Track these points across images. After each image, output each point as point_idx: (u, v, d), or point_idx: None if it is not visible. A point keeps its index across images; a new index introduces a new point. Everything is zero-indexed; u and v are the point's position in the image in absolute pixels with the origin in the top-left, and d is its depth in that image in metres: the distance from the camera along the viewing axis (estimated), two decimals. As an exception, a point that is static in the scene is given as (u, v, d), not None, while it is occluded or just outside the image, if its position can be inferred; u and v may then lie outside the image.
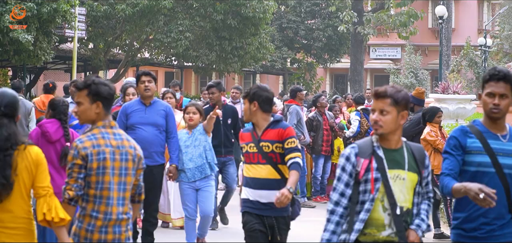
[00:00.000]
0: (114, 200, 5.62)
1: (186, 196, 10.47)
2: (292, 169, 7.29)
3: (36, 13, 21.60)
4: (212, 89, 12.78)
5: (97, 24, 31.79)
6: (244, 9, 32.72)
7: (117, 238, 5.64)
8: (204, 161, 10.38)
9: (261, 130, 7.47)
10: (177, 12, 32.92)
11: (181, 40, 32.43)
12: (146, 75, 10.19)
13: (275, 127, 7.46)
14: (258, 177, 7.41)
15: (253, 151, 7.44)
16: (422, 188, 5.57)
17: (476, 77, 47.03)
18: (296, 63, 45.96)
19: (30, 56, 22.63)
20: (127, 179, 5.73)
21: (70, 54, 30.44)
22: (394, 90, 5.43)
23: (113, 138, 5.72)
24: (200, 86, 51.61)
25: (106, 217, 5.60)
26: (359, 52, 43.73)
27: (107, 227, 5.60)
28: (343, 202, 5.44)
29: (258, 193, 7.39)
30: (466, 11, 56.09)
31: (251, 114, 7.49)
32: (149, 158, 9.88)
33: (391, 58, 55.77)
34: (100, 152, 5.61)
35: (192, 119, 10.45)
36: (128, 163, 5.75)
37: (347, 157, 5.46)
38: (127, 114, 10.13)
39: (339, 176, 5.48)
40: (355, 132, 16.20)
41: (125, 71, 36.33)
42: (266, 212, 7.41)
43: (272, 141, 7.39)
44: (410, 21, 41.56)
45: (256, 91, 7.53)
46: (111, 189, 5.62)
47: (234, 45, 33.93)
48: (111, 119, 5.79)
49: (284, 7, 44.88)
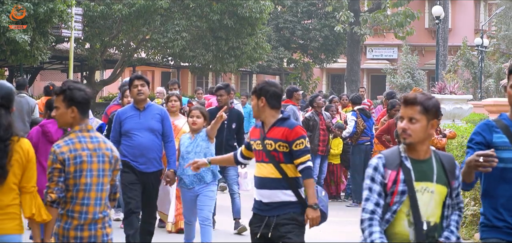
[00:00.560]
0: (91, 200, 5.86)
1: (185, 202, 10.17)
2: (305, 177, 7.03)
3: (33, 13, 21.58)
4: (220, 91, 12.47)
5: (93, 24, 31.76)
6: (240, 9, 32.71)
7: (93, 235, 5.87)
8: (205, 169, 9.79)
9: (268, 126, 7.15)
10: (174, 12, 32.91)
11: (177, 40, 32.42)
12: (139, 79, 9.89)
13: (281, 125, 7.11)
14: (260, 175, 7.13)
15: (258, 148, 7.15)
16: (452, 199, 5.28)
17: (473, 77, 47.08)
18: (293, 63, 45.98)
19: (26, 56, 22.61)
20: (104, 179, 5.95)
21: (66, 54, 30.41)
22: (424, 98, 5.17)
23: (90, 141, 5.93)
24: (196, 86, 51.62)
25: (82, 217, 5.83)
26: (356, 52, 43.79)
27: (83, 226, 5.84)
28: (379, 212, 5.13)
29: (260, 192, 7.13)
30: (463, 11, 56.13)
31: (258, 110, 7.19)
32: (147, 164, 9.79)
33: (387, 58, 55.78)
34: (77, 156, 5.85)
35: (196, 123, 10.02)
36: (105, 164, 5.95)
37: (375, 167, 5.19)
38: (121, 121, 9.83)
39: (370, 187, 5.17)
40: (351, 132, 16.19)
41: (122, 71, 36.31)
42: (268, 212, 7.09)
43: (275, 139, 7.05)
44: (406, 21, 41.60)
45: (263, 86, 7.23)
46: (88, 190, 5.85)
47: (231, 45, 33.93)
48: (88, 123, 6.00)
49: (281, 7, 44.91)
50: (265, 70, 45.92)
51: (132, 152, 9.72)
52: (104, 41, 33.30)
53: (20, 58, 22.81)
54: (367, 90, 55.12)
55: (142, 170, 9.79)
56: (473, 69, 46.98)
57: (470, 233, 12.14)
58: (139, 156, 9.73)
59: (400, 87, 44.54)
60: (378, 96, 43.68)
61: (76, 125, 5.94)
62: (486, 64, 46.80)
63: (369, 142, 16.33)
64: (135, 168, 9.76)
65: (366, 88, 55.70)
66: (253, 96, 7.23)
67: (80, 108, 5.93)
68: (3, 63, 29.97)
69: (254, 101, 7.21)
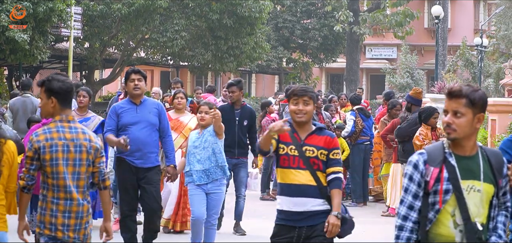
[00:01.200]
0: (72, 187, 6.07)
1: (193, 197, 9.89)
2: (334, 187, 6.76)
3: (32, 12, 21.58)
4: (232, 88, 12.32)
5: (93, 23, 31.75)
6: (240, 9, 32.70)
7: (79, 222, 6.12)
8: (213, 164, 9.75)
9: (305, 133, 6.77)
10: (173, 11, 32.89)
11: (177, 40, 32.40)
12: (136, 74, 9.75)
13: (321, 133, 6.81)
14: (295, 182, 6.69)
15: (293, 154, 6.70)
16: (499, 199, 4.97)
17: (472, 77, 47.01)
18: (292, 63, 45.93)
19: (26, 55, 22.62)
20: (81, 169, 6.14)
21: (66, 54, 30.41)
22: (470, 90, 4.86)
23: (68, 131, 6.14)
24: (196, 85, 51.57)
25: (67, 203, 6.07)
26: (355, 52, 43.80)
27: (70, 213, 6.07)
28: (413, 216, 4.89)
29: (293, 200, 6.71)
30: (462, 11, 56.12)
31: (308, 115, 6.80)
32: (143, 159, 9.59)
33: (387, 58, 55.74)
34: (53, 145, 6.07)
35: (204, 119, 9.88)
36: (82, 154, 6.14)
37: (415, 164, 4.91)
38: (117, 114, 9.66)
39: (407, 187, 4.92)
40: (350, 132, 16.18)
41: (121, 71, 36.26)
42: (299, 223, 6.72)
43: (317, 146, 6.71)
44: (406, 21, 41.63)
45: (314, 92, 6.99)
46: (66, 178, 6.05)
47: (230, 44, 33.91)
48: (69, 114, 6.22)
49: (280, 7, 44.86)
50: (264, 70, 45.90)
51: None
52: (104, 41, 33.29)
53: (20, 58, 22.82)
54: (366, 90, 55.19)
55: (137, 165, 9.59)
56: (473, 69, 46.92)
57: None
58: (135, 151, 9.51)
59: (400, 87, 44.49)
60: (377, 96, 43.67)
61: (57, 115, 6.17)
62: (486, 64, 46.73)
63: (369, 141, 16.33)
64: (131, 164, 9.58)
65: (365, 88, 55.75)
66: (311, 100, 6.78)
67: (59, 99, 6.16)
68: (2, 63, 29.93)
69: (310, 106, 6.78)
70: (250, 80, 52.39)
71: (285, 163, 6.74)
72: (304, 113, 6.74)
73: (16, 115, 15.31)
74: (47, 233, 6.07)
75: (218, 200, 9.94)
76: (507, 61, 41.00)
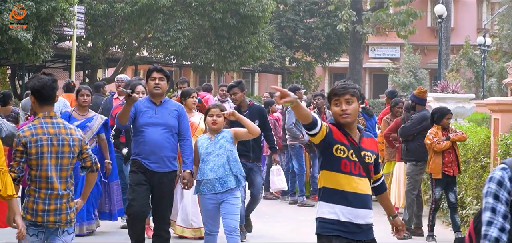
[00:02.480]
0: (54, 178, 6.53)
1: (206, 212, 9.04)
2: (385, 189, 6.41)
3: (35, 12, 21.59)
4: (233, 89, 11.73)
5: (96, 22, 31.77)
6: (243, 8, 32.71)
7: (59, 208, 6.55)
8: (227, 173, 8.89)
9: (357, 135, 6.11)
10: (176, 11, 32.91)
11: (179, 39, 32.43)
12: (158, 72, 9.13)
13: (368, 136, 6.24)
14: (358, 191, 5.99)
15: (354, 159, 5.99)
16: None
17: (475, 76, 47.03)
18: (295, 62, 45.94)
19: (29, 55, 22.64)
20: (64, 161, 6.59)
21: (69, 53, 30.44)
22: None
23: (51, 126, 6.59)
24: (199, 85, 51.55)
25: (48, 192, 6.52)
26: (358, 51, 43.80)
27: (50, 200, 6.52)
28: (504, 238, 4.27)
29: (355, 211, 5.98)
30: (465, 10, 56.09)
31: (353, 115, 6.09)
32: (159, 163, 9.01)
33: (390, 57, 55.74)
34: (38, 140, 6.52)
35: (216, 122, 9.00)
36: (64, 147, 6.59)
37: (499, 181, 4.36)
38: (135, 114, 9.03)
39: (493, 207, 4.32)
40: (353, 131, 16.15)
41: (124, 70, 36.27)
42: (357, 236, 6.02)
43: (372, 151, 6.14)
44: (409, 20, 41.65)
45: (358, 87, 6.31)
46: (49, 170, 6.51)
47: (233, 44, 33.93)
48: (51, 110, 6.64)
49: (283, 6, 44.88)
50: (267, 69, 45.92)
51: (142, 149, 9.00)
52: (106, 40, 33.31)
53: (22, 57, 22.84)
54: (369, 89, 55.20)
55: (152, 169, 9.00)
56: (476, 68, 46.92)
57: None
58: (150, 154, 8.97)
59: (402, 86, 44.53)
60: (380, 96, 43.68)
61: (39, 112, 6.63)
62: (489, 63, 46.73)
63: (372, 141, 16.30)
64: (145, 167, 8.99)
65: (369, 87, 55.77)
66: (353, 97, 6.04)
67: (36, 97, 6.61)
68: (5, 62, 29.99)
69: (355, 104, 6.05)
70: (253, 80, 52.39)
71: (347, 168, 5.98)
72: (349, 113, 6.01)
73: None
74: (29, 218, 6.52)
75: (235, 206, 8.99)
76: (510, 60, 40.98)
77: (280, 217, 14.23)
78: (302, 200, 15.77)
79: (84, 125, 11.22)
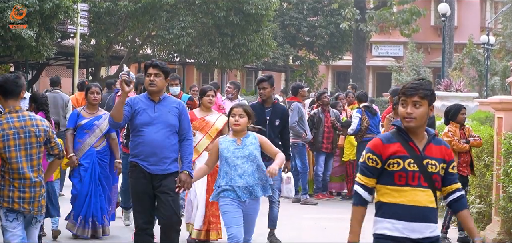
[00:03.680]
0: (24, 168, 7.03)
1: (229, 215, 8.33)
2: (464, 207, 5.69)
3: (39, 9, 21.59)
4: (263, 84, 11.21)
5: (99, 20, 31.77)
6: (246, 6, 32.72)
7: (33, 196, 7.07)
8: (256, 182, 8.31)
9: (423, 143, 5.56)
10: (179, 8, 32.92)
11: (183, 37, 32.44)
12: (154, 67, 8.55)
13: (437, 142, 5.65)
14: (415, 204, 5.46)
15: (412, 169, 5.46)
16: None
17: (479, 75, 46.99)
18: (298, 60, 45.95)
19: (32, 52, 22.64)
20: (32, 151, 7.10)
21: (72, 50, 30.46)
22: None
23: (17, 120, 7.08)
24: (202, 83, 51.56)
25: (21, 182, 7.03)
26: (362, 50, 43.77)
27: (24, 188, 7.04)
28: None
29: (410, 225, 5.47)
30: (469, 9, 56.04)
31: (418, 120, 5.53)
32: (159, 164, 8.40)
33: (393, 55, 55.73)
34: (5, 135, 7.01)
35: (239, 123, 8.40)
36: (31, 138, 7.10)
37: None
38: (132, 109, 8.46)
39: None
40: (355, 129, 16.14)
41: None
42: None
43: (439, 159, 5.55)
44: (412, 19, 41.62)
45: (432, 88, 5.63)
46: (20, 161, 7.01)
47: (236, 42, 33.93)
48: (16, 105, 7.15)
49: (287, 4, 44.88)
50: (271, 67, 45.92)
51: (141, 150, 8.39)
52: (110, 37, 33.33)
53: (26, 54, 22.85)
54: (372, 87, 55.17)
55: (152, 172, 8.41)
56: (479, 67, 46.89)
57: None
58: (150, 155, 8.37)
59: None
60: (383, 94, 43.65)
61: (5, 107, 7.15)
62: (492, 62, 46.68)
63: (375, 139, 16.28)
64: (145, 170, 8.39)
65: (372, 85, 55.74)
66: (423, 100, 5.50)
67: (2, 92, 7.13)
68: (9, 59, 30.02)
69: (423, 107, 5.51)
70: (257, 78, 52.35)
71: (402, 181, 5.48)
72: (414, 117, 5.47)
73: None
74: (6, 205, 7.03)
75: (253, 219, 8.53)
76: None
77: (282, 216, 14.18)
78: (305, 198, 15.76)
79: (92, 124, 11.07)
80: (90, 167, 11.00)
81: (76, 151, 10.99)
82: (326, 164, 16.47)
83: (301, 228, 13.08)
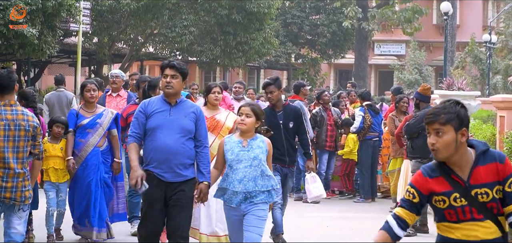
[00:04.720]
0: (10, 159, 7.36)
1: (230, 220, 8.14)
2: None
3: (41, 7, 21.59)
4: (269, 87, 10.76)
5: (101, 18, 31.76)
6: (248, 4, 32.71)
7: (15, 185, 7.39)
8: (258, 189, 7.88)
9: (466, 168, 4.78)
10: (182, 6, 32.90)
11: (185, 35, 32.43)
12: (171, 68, 8.05)
13: (488, 160, 4.78)
14: (473, 240, 4.75)
15: (461, 204, 4.74)
16: None
17: (481, 73, 46.95)
18: (301, 59, 45.95)
19: (34, 50, 22.62)
20: (20, 143, 7.44)
21: (74, 48, 30.44)
22: None
23: (10, 113, 7.45)
24: (204, 81, 51.58)
25: (5, 171, 7.35)
26: (364, 48, 43.79)
27: (7, 177, 7.36)
28: None
29: None
30: (471, 7, 56.03)
31: (447, 150, 4.79)
32: (173, 172, 7.91)
33: (395, 54, 55.74)
34: None
35: (244, 123, 7.95)
36: (20, 131, 7.44)
37: None
38: (146, 114, 8.03)
39: None
40: (358, 128, 16.17)
41: (130, 66, 36.35)
42: None
43: (491, 184, 4.74)
44: (414, 17, 41.64)
45: (458, 109, 4.93)
46: (6, 151, 7.34)
47: (239, 40, 33.92)
48: (11, 99, 7.52)
49: (289, 3, 44.85)
50: (273, 65, 45.92)
51: (154, 156, 7.94)
52: (112, 36, 33.32)
53: (28, 52, 22.83)
54: (374, 86, 55.17)
55: (166, 180, 7.92)
56: (481, 65, 46.84)
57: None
58: (163, 162, 7.89)
59: (408, 84, 44.47)
60: (386, 92, 43.65)
61: (1, 101, 7.46)
62: (494, 61, 46.63)
63: (378, 137, 16.32)
64: (158, 177, 7.91)
65: (374, 84, 55.74)
66: (446, 126, 4.83)
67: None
68: (11, 57, 30.02)
69: (448, 135, 4.78)
70: (259, 76, 52.36)
71: (453, 218, 4.81)
72: (437, 148, 4.81)
73: (53, 108, 16.34)
74: None
75: (259, 218, 7.96)
76: (516, 58, 40.93)
77: (285, 214, 14.22)
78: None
79: (94, 123, 10.75)
80: (94, 172, 10.69)
81: (79, 151, 10.66)
82: (328, 162, 16.50)
83: (303, 226, 13.09)
